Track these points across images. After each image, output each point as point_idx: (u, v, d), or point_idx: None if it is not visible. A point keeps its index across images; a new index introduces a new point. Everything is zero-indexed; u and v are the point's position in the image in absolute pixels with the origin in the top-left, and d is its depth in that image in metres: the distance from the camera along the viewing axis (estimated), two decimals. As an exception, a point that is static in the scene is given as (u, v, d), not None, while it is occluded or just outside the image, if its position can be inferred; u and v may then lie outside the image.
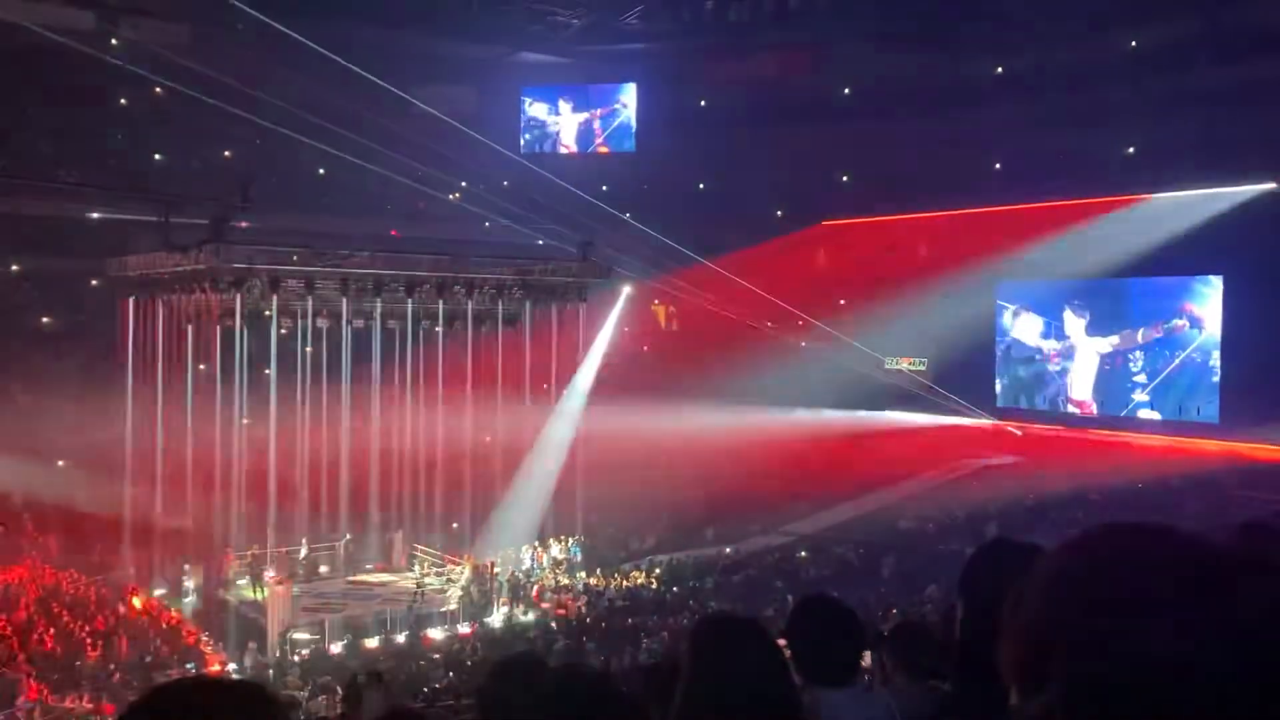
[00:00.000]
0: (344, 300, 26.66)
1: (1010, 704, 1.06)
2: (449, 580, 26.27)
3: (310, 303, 26.52)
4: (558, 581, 27.57)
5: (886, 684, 3.69)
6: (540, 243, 35.57)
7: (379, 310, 27.32)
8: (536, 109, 46.84)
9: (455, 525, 29.36)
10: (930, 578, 24.01)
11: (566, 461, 31.73)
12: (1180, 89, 32.13)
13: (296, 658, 21.35)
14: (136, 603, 24.17)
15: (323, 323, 27.46)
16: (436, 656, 21.36)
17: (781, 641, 2.70)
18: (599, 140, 46.50)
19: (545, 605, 25.65)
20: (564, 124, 46.71)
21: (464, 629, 23.98)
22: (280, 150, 37.58)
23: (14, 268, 34.68)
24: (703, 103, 44.27)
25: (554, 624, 24.11)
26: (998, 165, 37.81)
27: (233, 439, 26.03)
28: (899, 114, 37.96)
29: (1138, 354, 35.60)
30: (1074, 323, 37.04)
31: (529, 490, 30.80)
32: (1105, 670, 0.96)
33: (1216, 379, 33.63)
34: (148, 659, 20.23)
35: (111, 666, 19.60)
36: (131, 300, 28.63)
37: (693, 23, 43.01)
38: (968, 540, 24.21)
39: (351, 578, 27.47)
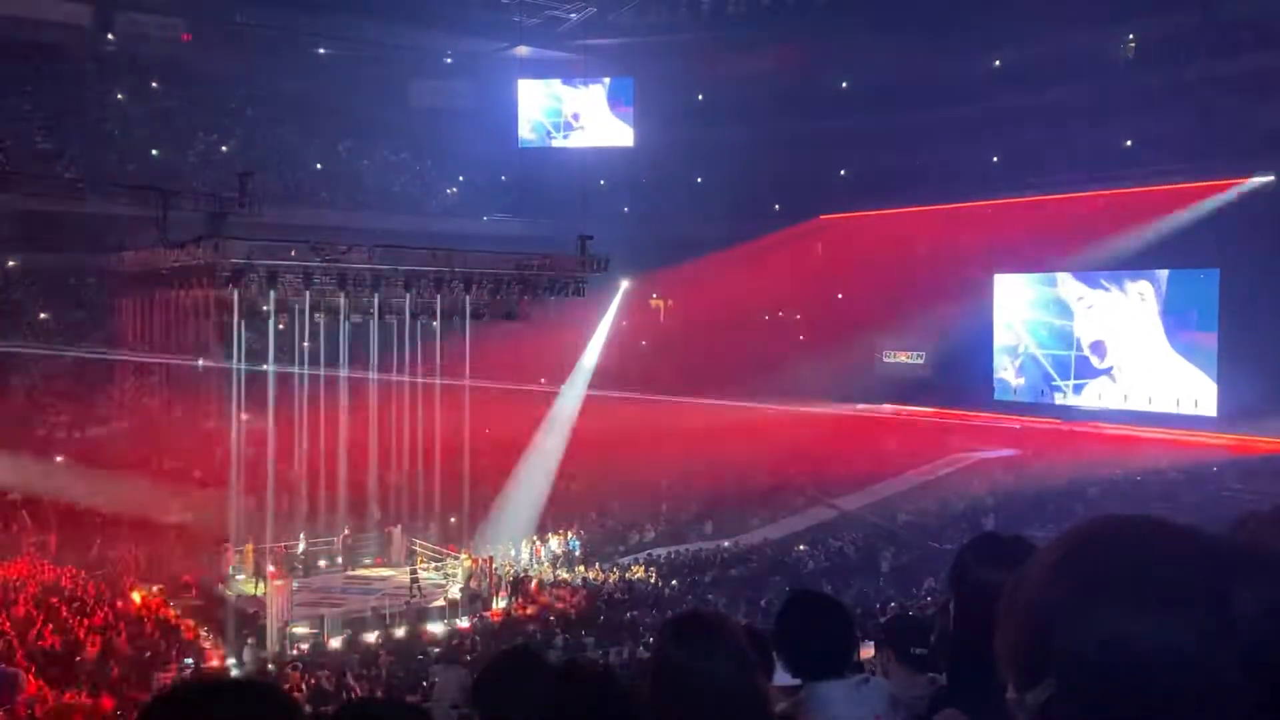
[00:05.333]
0: (342, 295, 26.62)
1: (1007, 696, 1.07)
2: (447, 575, 26.28)
3: (308, 298, 26.48)
4: (556, 576, 27.58)
5: (886, 676, 3.70)
6: (538, 236, 35.51)
7: (377, 305, 27.28)
8: (548, 101, 46.58)
9: (454, 520, 29.35)
10: (929, 570, 24.07)
11: (565, 456, 31.72)
12: (1178, 82, 32.14)
13: (295, 652, 21.37)
14: (135, 598, 24.17)
15: (320, 318, 27.42)
16: (436, 650, 21.36)
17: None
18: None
19: (544, 599, 25.67)
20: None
21: (463, 623, 23.99)
22: (278, 145, 37.57)
23: (11, 263, 34.62)
24: (700, 97, 44.23)
25: (552, 618, 24.12)
26: (995, 158, 37.81)
27: (231, 434, 26.00)
28: (896, 107, 37.96)
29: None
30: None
31: (527, 484, 30.80)
32: (1101, 663, 0.96)
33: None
34: (146, 654, 20.24)
35: (110, 662, 19.61)
36: (130, 296, 28.60)
37: (690, 17, 42.98)
38: (966, 533, 24.25)
39: (350, 572, 27.46)
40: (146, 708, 1.34)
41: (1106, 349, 36.38)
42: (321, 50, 39.90)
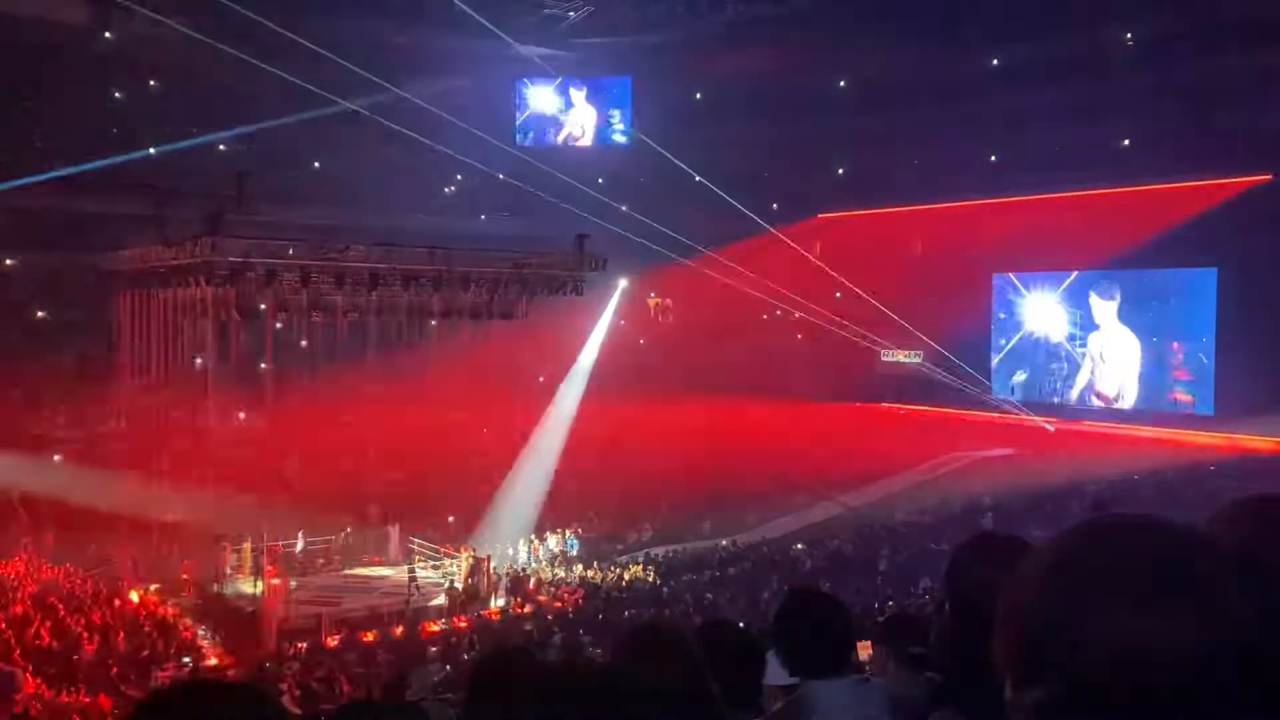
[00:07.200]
0: (340, 294, 26.62)
1: (1005, 697, 1.06)
2: (445, 574, 26.29)
3: (305, 296, 26.48)
4: (554, 574, 27.58)
5: (884, 675, 3.70)
6: (536, 235, 35.50)
7: (375, 304, 27.30)
8: (543, 99, 46.51)
9: (452, 519, 29.36)
10: (926, 570, 24.08)
11: (563, 454, 31.72)
12: (1176, 81, 32.15)
13: (293, 651, 21.37)
14: (133, 596, 24.18)
15: (318, 316, 27.44)
16: (433, 649, 21.38)
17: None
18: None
19: (542, 598, 25.71)
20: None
21: (460, 622, 24.00)
22: (275, 143, 37.49)
23: (9, 261, 34.58)
24: (698, 95, 44.21)
25: (550, 617, 24.15)
26: (994, 158, 37.82)
27: (229, 433, 26.00)
28: (894, 106, 37.96)
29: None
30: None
31: (525, 483, 30.79)
32: (1099, 663, 0.96)
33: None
34: (144, 653, 20.24)
35: (109, 661, 19.61)
36: (127, 294, 28.58)
37: (688, 16, 42.93)
38: (963, 533, 24.23)
39: (348, 571, 27.47)
40: (132, 712, 1.34)
41: (1102, 347, 36.45)
42: (319, 48, 39.82)
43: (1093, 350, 36.50)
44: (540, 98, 46.37)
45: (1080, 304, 36.77)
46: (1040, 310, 38.18)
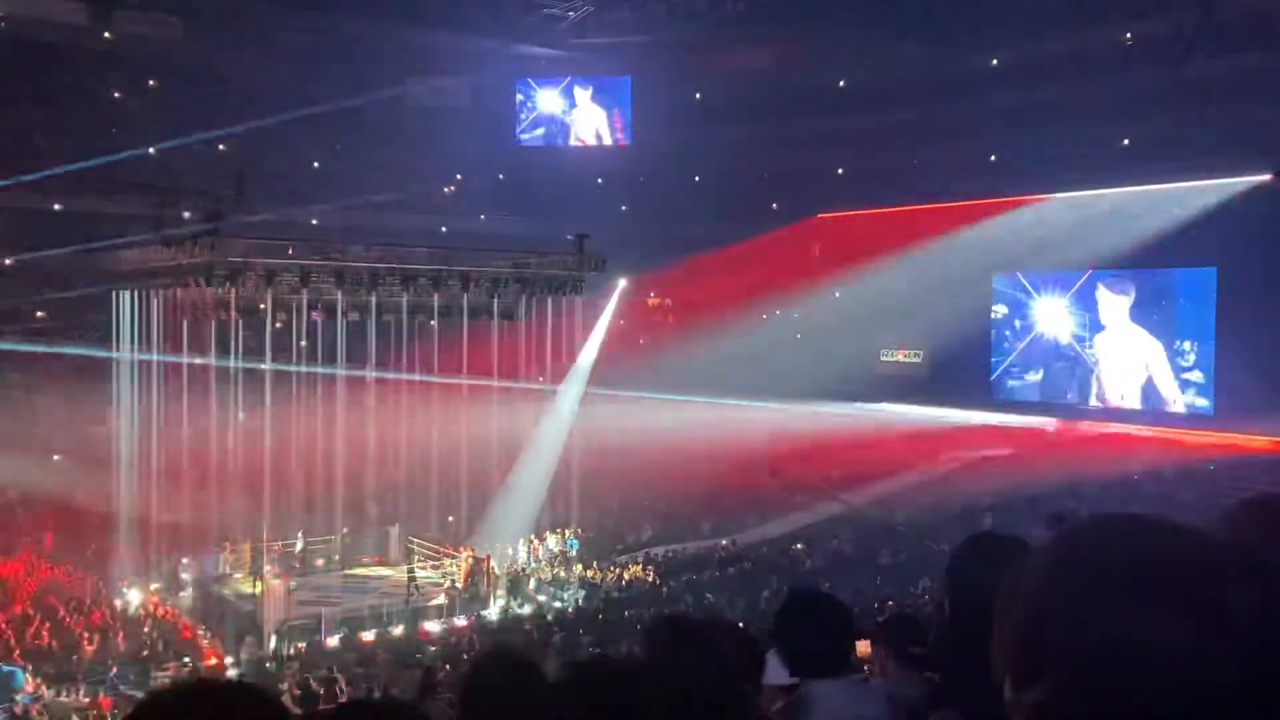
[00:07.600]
0: (339, 293, 26.60)
1: (1004, 697, 1.06)
2: (445, 574, 26.30)
3: (305, 296, 26.46)
4: (554, 574, 27.59)
5: (884, 675, 3.70)
6: (535, 235, 35.49)
7: (374, 303, 27.28)
8: (548, 100, 46.43)
9: (451, 519, 29.35)
10: (926, 569, 24.09)
11: (562, 454, 31.72)
12: (1175, 80, 32.14)
13: (292, 651, 21.37)
14: (133, 596, 24.17)
15: (318, 316, 27.42)
16: (433, 649, 21.38)
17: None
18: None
19: (541, 598, 25.75)
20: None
21: (460, 622, 24.01)
22: (275, 143, 37.47)
23: (8, 261, 34.56)
24: (698, 95, 44.20)
25: (549, 617, 24.16)
26: (993, 157, 37.80)
27: (228, 433, 25.99)
28: (894, 106, 37.95)
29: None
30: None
31: (525, 483, 30.79)
32: (1099, 663, 0.96)
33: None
34: (144, 653, 20.25)
35: (109, 661, 19.62)
36: (126, 294, 28.54)
37: (688, 16, 42.91)
38: (963, 533, 24.20)
39: (348, 571, 27.48)
40: (134, 710, 1.34)
41: (1104, 347, 36.43)
42: (318, 48, 39.82)
43: (1100, 351, 36.43)
44: (547, 99, 46.31)
45: (1087, 305, 36.73)
46: (1046, 311, 38.12)
